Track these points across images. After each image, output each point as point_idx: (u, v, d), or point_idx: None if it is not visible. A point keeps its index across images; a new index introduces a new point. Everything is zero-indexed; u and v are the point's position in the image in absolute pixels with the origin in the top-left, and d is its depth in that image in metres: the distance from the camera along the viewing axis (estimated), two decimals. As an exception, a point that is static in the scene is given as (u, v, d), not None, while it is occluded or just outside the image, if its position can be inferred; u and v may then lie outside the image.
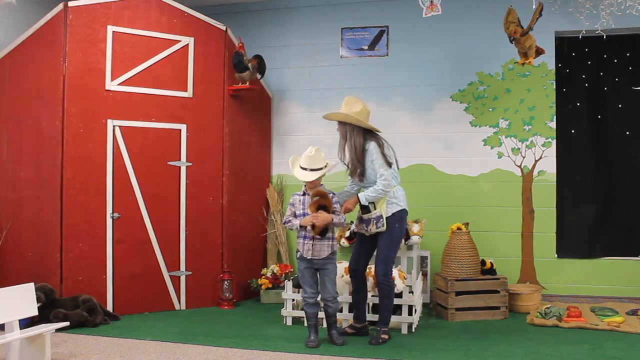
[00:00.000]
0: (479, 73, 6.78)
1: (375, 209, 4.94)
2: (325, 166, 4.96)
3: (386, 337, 5.01)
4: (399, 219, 5.00)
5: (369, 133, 5.02)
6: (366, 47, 7.10)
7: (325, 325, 5.16)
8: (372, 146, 4.92)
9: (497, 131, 6.72)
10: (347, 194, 5.24)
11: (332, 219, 4.84)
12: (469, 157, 6.78)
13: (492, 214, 6.68)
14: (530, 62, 5.87)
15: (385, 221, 4.92)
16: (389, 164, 4.95)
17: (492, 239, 6.62)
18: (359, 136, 4.96)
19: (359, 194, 5.04)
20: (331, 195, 4.94)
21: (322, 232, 4.86)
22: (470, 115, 6.79)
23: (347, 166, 5.10)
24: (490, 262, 6.10)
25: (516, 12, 5.75)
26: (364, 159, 4.95)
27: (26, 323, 4.84)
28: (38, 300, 4.66)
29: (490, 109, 6.74)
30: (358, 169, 4.97)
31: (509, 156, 6.69)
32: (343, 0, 7.16)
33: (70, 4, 5.76)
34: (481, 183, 6.75)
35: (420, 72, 6.93)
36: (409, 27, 6.94)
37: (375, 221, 4.93)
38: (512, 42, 5.81)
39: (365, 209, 4.97)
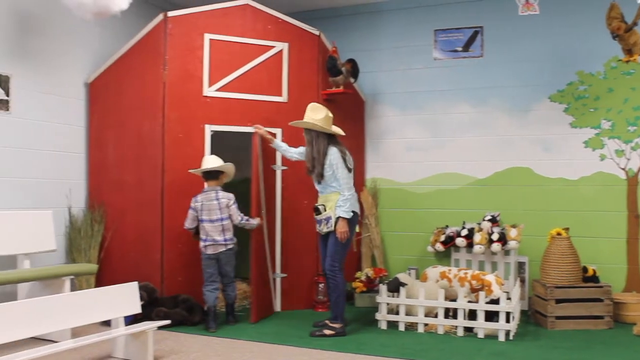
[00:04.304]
0: (579, 72, 6.53)
1: (325, 210, 5.36)
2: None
3: (330, 332, 5.32)
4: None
5: (332, 139, 5.44)
6: (460, 49, 6.99)
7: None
8: (333, 151, 5.35)
9: (599, 132, 6.44)
10: None
11: None
12: (569, 159, 6.54)
13: (594, 219, 6.41)
14: (635, 59, 5.62)
15: (333, 222, 5.30)
16: (349, 169, 5.37)
17: (595, 245, 6.35)
18: (323, 141, 5.38)
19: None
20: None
21: None
22: (570, 116, 6.55)
23: (309, 168, 5.48)
24: (593, 270, 5.87)
25: (619, 7, 5.52)
26: (324, 162, 5.34)
27: (130, 320, 5.04)
28: (141, 298, 4.84)
29: (592, 110, 6.48)
30: (317, 170, 5.38)
31: (612, 158, 6.40)
32: (436, 2, 7.08)
33: (169, 14, 5.99)
34: (582, 186, 6.49)
35: (516, 73, 6.75)
36: (504, 27, 6.78)
37: (325, 222, 5.38)
38: (615, 39, 5.59)
39: (316, 211, 5.42)
